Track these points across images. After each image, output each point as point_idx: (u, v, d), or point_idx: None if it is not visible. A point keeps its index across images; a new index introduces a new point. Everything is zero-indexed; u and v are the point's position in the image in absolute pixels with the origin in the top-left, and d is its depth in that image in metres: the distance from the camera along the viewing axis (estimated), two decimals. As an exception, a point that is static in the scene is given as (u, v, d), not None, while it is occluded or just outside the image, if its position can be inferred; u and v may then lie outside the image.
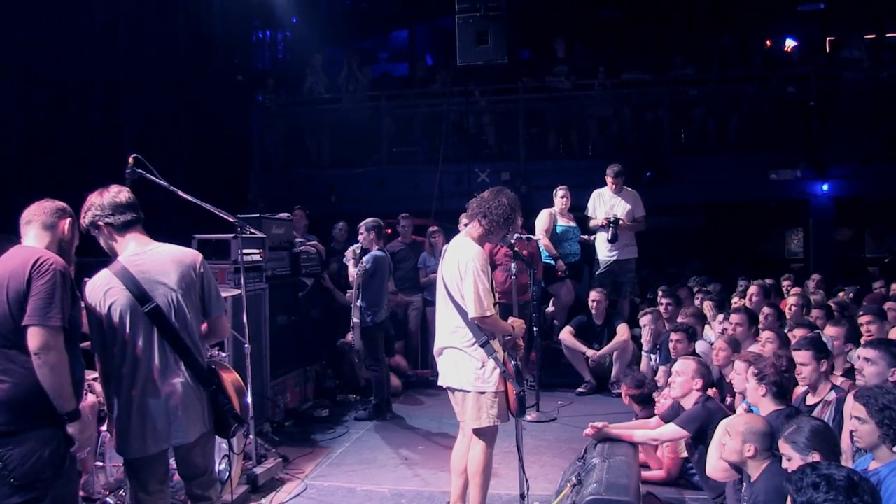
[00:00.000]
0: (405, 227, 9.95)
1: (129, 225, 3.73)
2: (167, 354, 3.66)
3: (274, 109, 13.42)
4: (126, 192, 3.79)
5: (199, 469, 3.85)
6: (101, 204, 3.71)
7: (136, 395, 3.60)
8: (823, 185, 11.94)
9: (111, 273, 3.63)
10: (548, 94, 12.89)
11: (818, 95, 12.09)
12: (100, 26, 8.48)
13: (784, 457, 3.62)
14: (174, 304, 3.67)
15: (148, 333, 3.62)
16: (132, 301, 3.59)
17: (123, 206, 3.71)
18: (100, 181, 3.98)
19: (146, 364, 3.62)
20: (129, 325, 3.59)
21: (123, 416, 3.64)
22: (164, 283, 3.66)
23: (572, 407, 8.07)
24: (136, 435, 3.62)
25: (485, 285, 4.54)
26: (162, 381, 3.63)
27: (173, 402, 3.64)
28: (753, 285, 8.50)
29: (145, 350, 3.62)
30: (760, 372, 4.51)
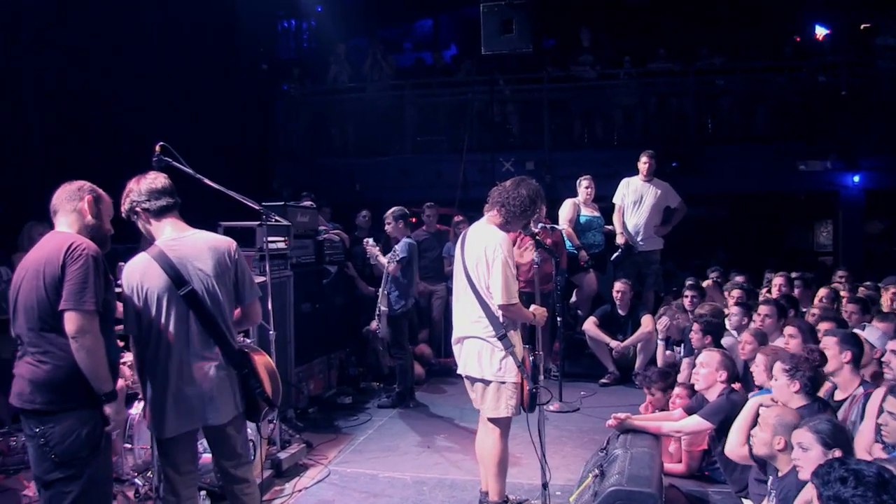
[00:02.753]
0: (430, 216, 9.94)
1: (165, 210, 3.81)
2: (202, 337, 3.72)
3: (298, 98, 13.47)
4: (163, 178, 3.87)
5: (236, 451, 3.90)
6: (139, 190, 3.79)
7: (171, 377, 3.68)
8: (854, 177, 11.76)
9: (149, 257, 3.69)
10: (572, 83, 12.80)
11: (850, 84, 11.88)
12: (127, 16, 8.56)
13: (800, 445, 3.55)
14: (209, 288, 3.73)
15: (184, 316, 3.69)
16: (169, 284, 3.66)
17: (160, 191, 3.80)
18: (127, 169, 4.03)
19: (181, 346, 3.69)
20: (166, 307, 3.67)
21: (158, 397, 3.71)
22: (199, 268, 3.73)
23: (595, 397, 8.05)
24: (169, 415, 3.69)
25: (512, 273, 4.53)
26: (196, 364, 3.71)
27: (207, 385, 3.72)
28: (778, 276, 8.41)
29: (180, 333, 3.69)
30: (794, 367, 4.42)
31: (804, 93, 12.19)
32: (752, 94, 12.37)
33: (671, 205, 9.33)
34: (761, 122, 12.29)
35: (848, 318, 6.65)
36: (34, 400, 3.41)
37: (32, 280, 3.44)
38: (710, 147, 12.08)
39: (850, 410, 4.50)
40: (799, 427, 3.62)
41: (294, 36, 15.19)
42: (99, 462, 3.49)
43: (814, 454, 3.47)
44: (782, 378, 4.45)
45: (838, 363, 4.70)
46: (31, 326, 3.44)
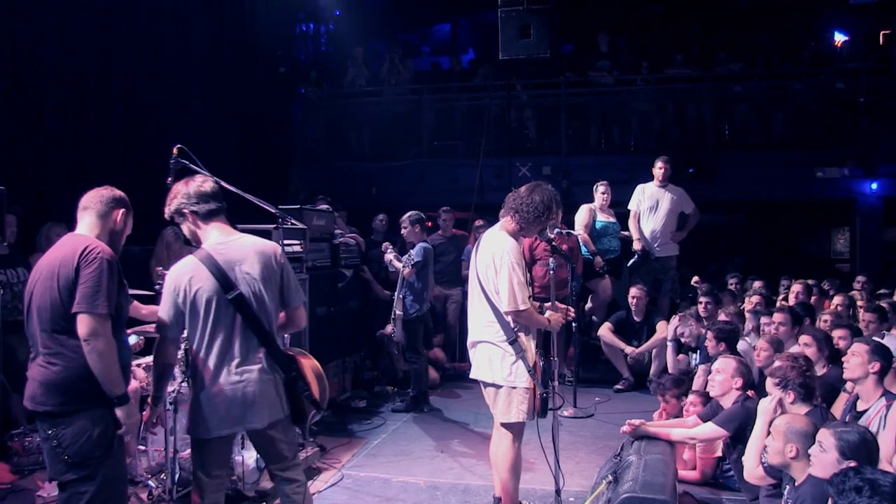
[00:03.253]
0: (445, 220, 9.95)
1: (212, 214, 3.82)
2: (248, 341, 3.73)
3: (316, 102, 13.52)
4: (211, 182, 3.89)
5: (282, 454, 3.89)
6: (187, 192, 3.81)
7: (215, 379, 3.68)
8: (872, 184, 11.67)
9: (197, 260, 3.70)
10: (590, 88, 12.79)
11: (869, 91, 11.81)
12: (146, 19, 8.63)
13: (820, 444, 3.52)
14: (256, 292, 3.74)
15: (231, 320, 3.70)
16: (217, 287, 3.66)
17: (208, 195, 3.81)
18: (145, 171, 4.08)
19: (227, 349, 3.70)
20: (214, 311, 3.67)
21: (200, 397, 3.71)
22: (246, 271, 3.74)
23: (609, 403, 8.03)
24: (209, 416, 3.69)
25: (519, 279, 4.52)
26: (241, 367, 3.71)
27: (250, 388, 3.70)
28: (797, 284, 8.36)
29: (227, 336, 3.69)
30: (783, 379, 4.40)
31: (822, 99, 12.14)
32: (769, 101, 12.33)
33: (685, 210, 9.31)
34: (779, 128, 12.24)
35: (865, 327, 6.60)
36: (45, 402, 3.45)
37: (47, 281, 3.47)
38: (727, 153, 12.02)
39: (872, 419, 4.46)
40: (828, 428, 3.60)
41: (312, 39, 15.25)
42: (112, 462, 3.51)
43: (828, 458, 3.45)
44: (776, 392, 4.44)
45: (864, 371, 4.65)
46: (43, 328, 3.48)
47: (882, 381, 4.65)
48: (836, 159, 11.52)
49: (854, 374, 4.71)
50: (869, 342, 4.78)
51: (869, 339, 4.91)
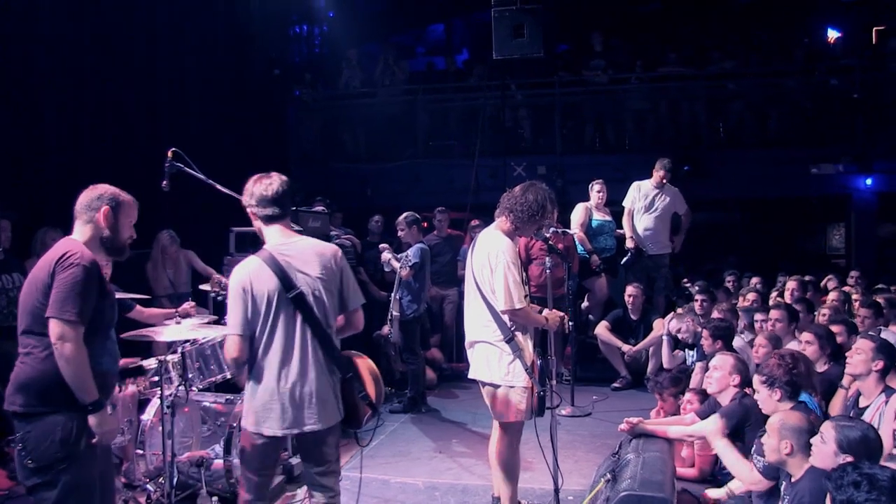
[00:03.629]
0: (441, 220, 9.95)
1: (272, 219, 3.84)
2: (307, 341, 3.74)
3: (310, 103, 13.52)
4: (276, 186, 3.84)
5: (325, 458, 3.89)
6: (252, 192, 3.85)
7: (274, 379, 3.70)
8: (867, 180, 11.71)
9: (259, 259, 3.73)
10: (584, 87, 12.81)
11: (863, 88, 11.84)
12: (140, 20, 8.62)
13: (821, 436, 3.53)
14: (316, 293, 3.76)
15: (291, 319, 3.71)
16: (279, 287, 3.68)
17: (268, 199, 3.81)
18: (140, 174, 4.07)
19: (286, 349, 3.71)
20: (274, 310, 3.69)
21: (257, 396, 3.73)
22: (307, 272, 3.76)
23: (607, 402, 8.04)
24: (267, 415, 3.71)
25: (515, 278, 4.52)
26: (300, 367, 3.72)
27: (308, 389, 3.72)
28: (791, 280, 8.37)
29: (287, 335, 3.71)
30: (769, 377, 4.40)
31: (816, 96, 12.17)
32: (763, 99, 12.35)
33: (678, 211, 9.34)
34: (773, 126, 12.27)
35: (860, 322, 6.62)
36: (14, 401, 3.41)
37: (29, 286, 3.49)
38: (722, 151, 12.06)
39: (873, 417, 4.46)
40: (832, 421, 3.62)
41: (306, 41, 15.25)
42: (77, 470, 3.39)
43: (827, 449, 3.47)
44: (763, 391, 4.43)
45: (867, 368, 4.66)
46: (23, 329, 3.48)
47: (884, 378, 4.66)
48: (830, 156, 11.56)
49: (857, 370, 4.72)
50: (875, 339, 4.79)
51: (875, 336, 4.91)
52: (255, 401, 3.73)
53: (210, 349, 5.39)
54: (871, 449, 3.42)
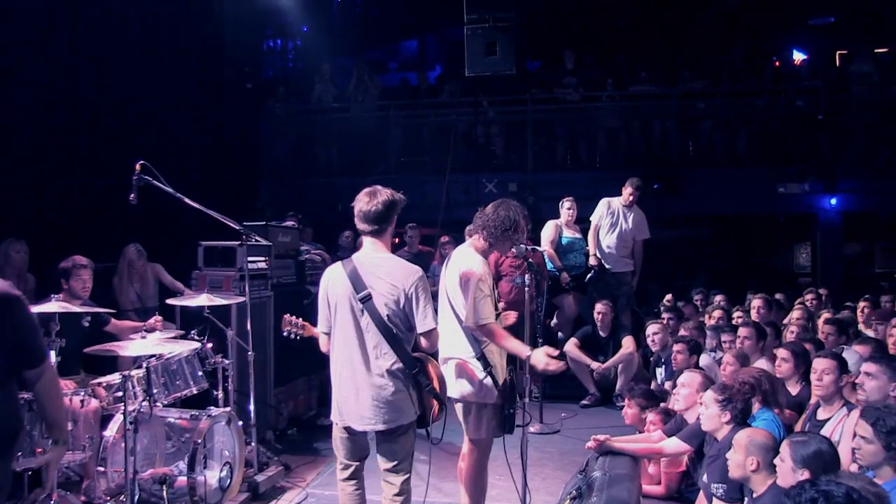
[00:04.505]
0: (412, 236, 9.95)
1: (367, 233, 4.19)
2: (376, 346, 4.04)
3: (283, 117, 13.49)
4: (375, 204, 4.11)
5: (396, 456, 4.22)
6: (357, 208, 4.18)
7: (347, 376, 4.11)
8: (832, 200, 11.93)
9: (341, 266, 4.19)
10: (556, 105, 12.91)
11: (827, 109, 12.08)
12: (113, 35, 8.56)
13: (780, 456, 3.60)
14: (387, 302, 4.02)
15: (359, 323, 4.06)
16: (351, 291, 4.05)
17: (363, 216, 4.14)
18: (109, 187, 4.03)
19: (357, 350, 4.06)
20: (349, 312, 4.07)
21: (336, 387, 4.19)
22: (381, 283, 4.04)
23: (576, 419, 8.04)
24: (340, 406, 4.17)
25: (483, 294, 4.53)
26: (368, 370, 4.05)
27: (374, 392, 4.04)
28: (757, 298, 8.45)
29: (357, 335, 4.05)
30: (728, 399, 4.45)
31: (783, 117, 12.38)
32: (733, 118, 12.54)
33: (637, 237, 9.37)
34: (742, 145, 12.45)
35: (824, 339, 6.71)
36: None
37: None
38: (692, 169, 12.22)
39: (834, 429, 4.53)
40: (787, 439, 3.68)
41: (279, 55, 15.24)
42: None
43: (786, 467, 3.54)
44: (714, 407, 4.47)
45: (836, 388, 4.74)
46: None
47: (842, 393, 4.74)
48: (797, 175, 11.76)
49: (828, 392, 4.76)
50: (835, 357, 4.86)
51: (835, 354, 4.98)
52: (334, 390, 4.21)
53: (176, 364, 5.33)
54: (826, 462, 3.48)
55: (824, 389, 4.76)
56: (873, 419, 3.53)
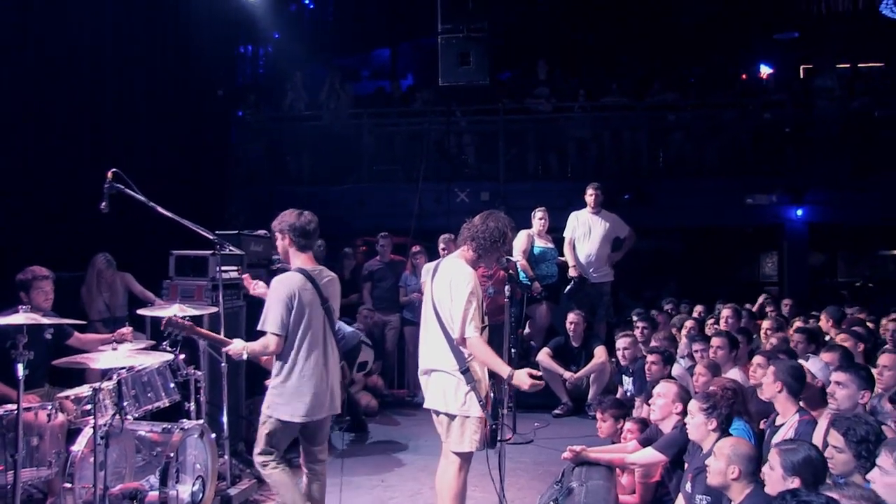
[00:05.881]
0: (384, 245, 9.92)
1: (305, 248, 4.84)
2: (332, 342, 4.80)
3: (254, 125, 13.40)
4: (315, 224, 4.87)
5: (327, 437, 5.06)
6: (293, 224, 4.79)
7: (315, 371, 4.65)
8: (798, 211, 12.12)
9: (301, 275, 4.69)
10: (528, 115, 12.97)
11: (794, 122, 12.30)
12: (81, 41, 8.42)
13: (768, 464, 3.62)
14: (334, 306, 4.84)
15: (322, 324, 4.74)
16: (318, 298, 4.69)
17: (309, 233, 4.83)
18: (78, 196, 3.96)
19: (321, 347, 4.69)
20: (314, 315, 4.67)
21: (300, 386, 4.63)
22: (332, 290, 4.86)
23: (549, 429, 8.05)
24: (306, 402, 4.62)
25: (473, 308, 4.51)
26: (326, 362, 4.73)
27: (332, 380, 4.76)
28: (726, 308, 8.52)
29: (320, 336, 4.71)
30: (712, 406, 4.47)
31: (751, 129, 12.56)
32: (702, 130, 12.69)
33: (620, 235, 9.45)
34: (711, 156, 12.62)
35: (794, 347, 6.79)
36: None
37: None
38: (662, 181, 12.34)
39: (787, 434, 4.59)
40: (776, 447, 3.70)
41: (251, 62, 15.12)
42: None
43: (775, 476, 3.55)
44: (699, 416, 4.49)
45: (772, 392, 4.83)
46: None
47: (796, 399, 4.80)
48: (765, 186, 11.93)
49: (766, 395, 4.91)
50: (777, 364, 4.93)
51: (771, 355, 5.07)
52: (294, 388, 4.63)
53: (147, 376, 5.23)
54: (815, 468, 3.52)
55: (757, 380, 5.08)
56: (844, 429, 3.58)
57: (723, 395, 4.60)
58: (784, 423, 4.75)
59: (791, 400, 4.78)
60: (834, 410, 4.48)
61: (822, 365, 5.58)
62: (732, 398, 4.66)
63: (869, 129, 12.35)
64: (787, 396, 4.77)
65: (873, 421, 3.74)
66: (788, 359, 5.36)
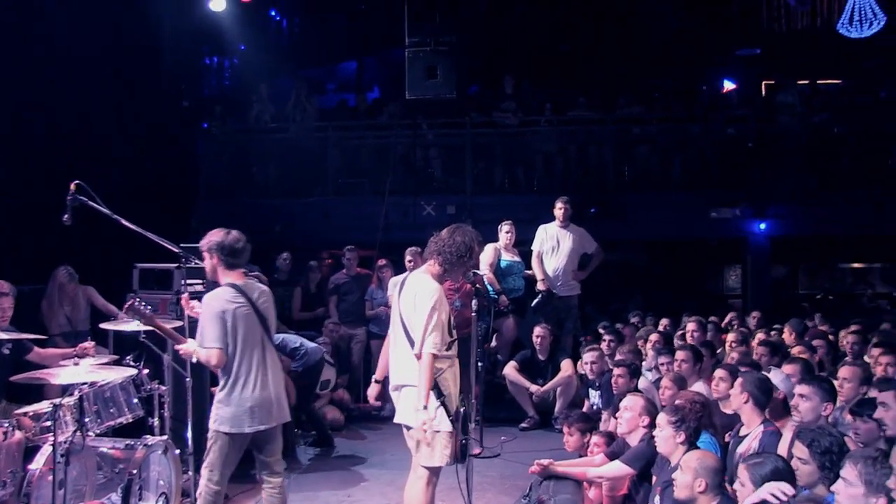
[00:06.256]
0: (350, 259, 9.88)
1: (234, 266, 4.78)
2: (271, 351, 4.81)
3: (220, 137, 13.27)
4: (243, 243, 4.82)
5: (280, 446, 4.90)
6: (222, 244, 4.73)
7: (253, 381, 4.62)
8: (761, 224, 12.30)
9: (233, 289, 4.65)
10: (495, 129, 13.02)
11: (756, 137, 12.50)
12: (44, 48, 8.30)
13: (738, 481, 3.66)
14: (269, 316, 4.83)
15: (260, 335, 4.72)
16: (252, 310, 4.67)
17: (237, 251, 4.77)
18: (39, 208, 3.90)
19: (260, 357, 4.68)
20: (249, 326, 4.65)
21: (241, 397, 4.59)
22: (263, 301, 4.81)
23: (516, 442, 8.03)
24: (251, 413, 4.59)
25: (437, 323, 4.50)
26: (267, 371, 4.72)
27: (276, 389, 4.73)
28: (691, 321, 8.60)
29: (258, 347, 4.69)
30: (681, 419, 4.50)
31: (716, 143, 12.73)
32: (668, 144, 12.84)
33: (588, 250, 9.49)
34: (677, 170, 12.75)
35: (758, 359, 6.87)
36: None
37: None
38: (627, 194, 12.44)
39: (751, 445, 4.66)
40: (744, 463, 3.73)
41: (216, 73, 15.02)
42: None
43: (746, 491, 3.60)
44: (668, 429, 4.51)
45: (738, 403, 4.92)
46: None
47: (762, 410, 4.86)
48: (729, 200, 12.09)
49: (732, 406, 5.03)
50: (744, 376, 5.00)
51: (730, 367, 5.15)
52: (240, 402, 4.57)
53: (110, 391, 5.15)
54: (783, 478, 3.55)
55: (719, 394, 5.25)
56: (808, 440, 3.63)
57: (691, 408, 4.64)
58: (749, 433, 4.81)
59: (757, 411, 4.84)
60: (797, 422, 4.54)
61: (783, 377, 5.68)
62: (700, 411, 4.71)
63: (829, 145, 12.63)
64: (752, 408, 4.83)
65: (836, 433, 3.80)
66: (755, 371, 5.44)
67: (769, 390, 4.93)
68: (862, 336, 7.68)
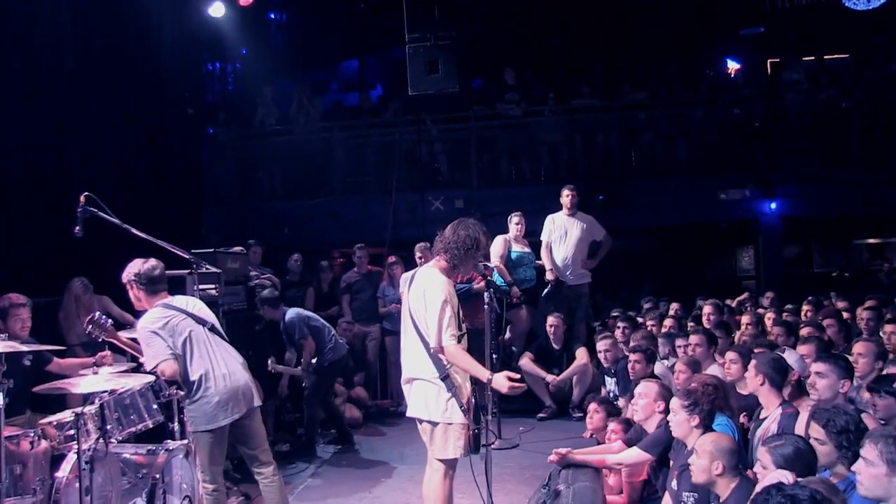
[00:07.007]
0: (360, 257, 9.92)
1: (156, 292, 4.90)
2: (224, 346, 4.98)
3: (225, 142, 13.33)
4: (160, 270, 4.92)
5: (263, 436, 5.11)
6: (139, 273, 4.84)
7: (213, 377, 4.77)
8: (771, 204, 12.24)
9: (161, 307, 4.81)
10: (499, 121, 13.01)
11: (762, 117, 12.43)
12: (48, 59, 8.34)
13: (760, 463, 3.64)
14: (216, 325, 5.04)
15: (205, 336, 4.89)
16: (188, 318, 4.84)
17: (154, 278, 4.88)
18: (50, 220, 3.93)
19: (213, 354, 4.84)
20: (192, 331, 4.83)
21: (205, 395, 4.74)
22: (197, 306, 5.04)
23: (534, 433, 8.06)
24: (220, 405, 4.75)
25: (448, 316, 4.52)
26: (227, 364, 4.88)
27: (239, 379, 4.89)
28: (707, 304, 8.60)
29: (207, 346, 4.85)
30: (694, 402, 4.51)
31: (721, 125, 12.67)
32: (673, 128, 12.79)
33: (596, 238, 9.48)
34: (683, 154, 12.70)
35: (774, 340, 6.87)
36: None
37: None
38: (634, 181, 12.41)
39: (769, 428, 4.65)
40: (764, 445, 3.72)
41: (219, 79, 15.07)
42: None
43: (768, 473, 3.55)
44: (682, 413, 4.52)
45: (754, 386, 4.90)
46: None
47: (779, 391, 4.85)
48: (737, 182, 12.04)
49: (749, 389, 5.00)
50: (758, 358, 4.99)
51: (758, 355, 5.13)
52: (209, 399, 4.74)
53: (129, 398, 5.19)
54: (806, 458, 3.55)
55: (732, 376, 5.22)
56: (824, 420, 3.61)
57: (704, 391, 4.64)
58: (768, 416, 4.80)
59: (774, 392, 4.82)
60: (815, 401, 4.53)
61: (797, 357, 5.66)
62: (713, 394, 4.71)
63: (837, 121, 12.51)
64: (769, 389, 4.81)
65: (852, 411, 3.78)
66: (768, 352, 5.43)
67: (784, 369, 4.92)
68: (877, 312, 7.63)
